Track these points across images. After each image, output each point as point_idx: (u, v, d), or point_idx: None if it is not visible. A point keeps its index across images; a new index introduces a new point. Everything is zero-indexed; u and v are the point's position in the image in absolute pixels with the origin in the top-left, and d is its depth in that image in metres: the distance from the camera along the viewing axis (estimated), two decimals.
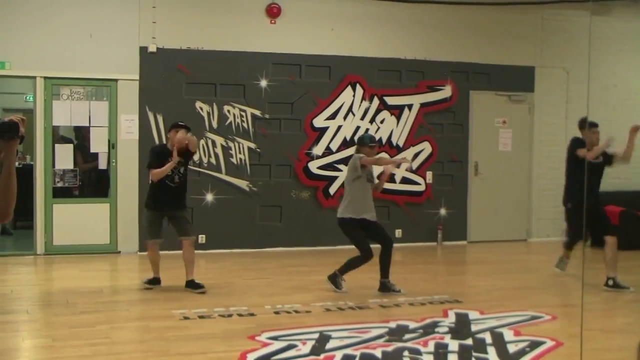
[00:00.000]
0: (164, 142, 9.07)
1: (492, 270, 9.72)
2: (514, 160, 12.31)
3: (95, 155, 10.54)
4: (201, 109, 10.67)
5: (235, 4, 10.73)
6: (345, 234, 8.17)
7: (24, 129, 3.23)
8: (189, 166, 8.36)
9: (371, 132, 11.44)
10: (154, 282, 8.19)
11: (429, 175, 11.82)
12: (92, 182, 10.91)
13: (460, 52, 11.86)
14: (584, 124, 8.74)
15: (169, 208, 8.04)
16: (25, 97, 13.25)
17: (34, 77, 10.11)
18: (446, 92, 11.86)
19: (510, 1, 10.40)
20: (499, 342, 6.07)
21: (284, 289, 8.19)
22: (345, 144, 11.33)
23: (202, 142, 10.67)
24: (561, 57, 12.40)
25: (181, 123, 8.20)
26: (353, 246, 8.04)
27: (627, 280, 8.48)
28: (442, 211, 11.89)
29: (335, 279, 8.03)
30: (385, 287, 8.00)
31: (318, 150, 11.22)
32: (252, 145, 10.91)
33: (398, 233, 11.64)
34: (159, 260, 8.20)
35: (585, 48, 11.96)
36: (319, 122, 11.23)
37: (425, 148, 11.80)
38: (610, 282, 8.34)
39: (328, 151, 11.27)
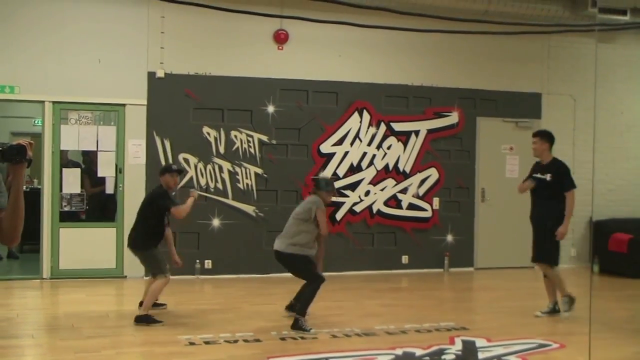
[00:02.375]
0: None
1: (499, 297, 9.66)
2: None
3: (103, 179, 10.57)
4: (208, 134, 10.70)
5: (243, 30, 10.80)
6: (293, 267, 7.74)
7: (32, 152, 3.25)
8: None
9: (378, 158, 11.47)
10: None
11: (436, 201, 11.80)
12: (99, 206, 10.92)
13: (467, 78, 11.90)
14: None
15: None
16: (34, 121, 13.34)
17: (43, 102, 10.17)
18: (453, 118, 11.87)
19: (517, 30, 10.45)
20: None
21: (290, 315, 8.14)
22: (352, 170, 11.34)
23: (208, 167, 10.70)
24: (568, 84, 12.43)
25: (174, 167, 8.26)
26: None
27: (634, 309, 8.41)
28: (449, 237, 11.85)
29: (299, 324, 7.39)
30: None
31: (325, 175, 11.22)
32: (259, 171, 10.93)
33: (405, 259, 11.62)
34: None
35: (592, 75, 11.99)
36: (325, 147, 11.24)
37: (432, 174, 11.79)
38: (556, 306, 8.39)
39: (335, 177, 11.27)
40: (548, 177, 8.26)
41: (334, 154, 11.28)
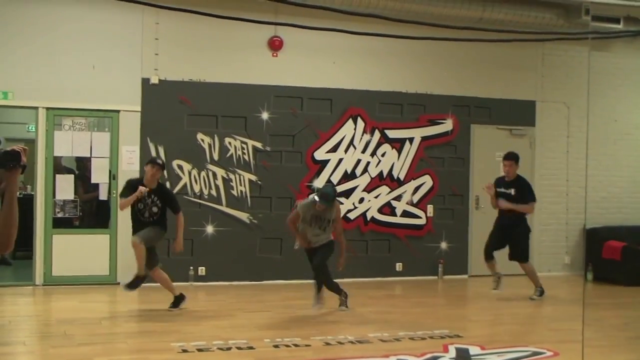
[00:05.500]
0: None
1: (493, 305, 9.66)
2: None
3: (96, 185, 10.54)
4: (202, 140, 10.69)
5: (238, 37, 10.80)
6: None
7: (26, 158, 3.23)
8: (167, 203, 8.65)
9: (372, 165, 11.47)
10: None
11: (430, 208, 11.80)
12: (92, 212, 10.89)
13: (461, 86, 11.91)
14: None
15: None
16: (27, 127, 13.29)
17: (36, 108, 10.14)
18: (447, 125, 11.88)
19: (512, 37, 10.47)
20: None
21: (283, 322, 8.13)
22: (346, 177, 11.34)
23: (202, 173, 10.68)
24: (562, 91, 12.45)
25: (159, 161, 8.85)
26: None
27: (628, 317, 8.41)
28: (443, 245, 11.85)
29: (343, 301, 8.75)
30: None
31: (319, 182, 11.20)
32: (253, 178, 10.91)
33: (399, 266, 11.61)
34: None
35: (586, 83, 12.02)
36: (320, 154, 11.24)
37: (426, 182, 11.79)
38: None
39: (329, 184, 11.26)
40: (512, 191, 9.83)
41: (328, 160, 11.28)
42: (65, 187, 10.37)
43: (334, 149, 11.32)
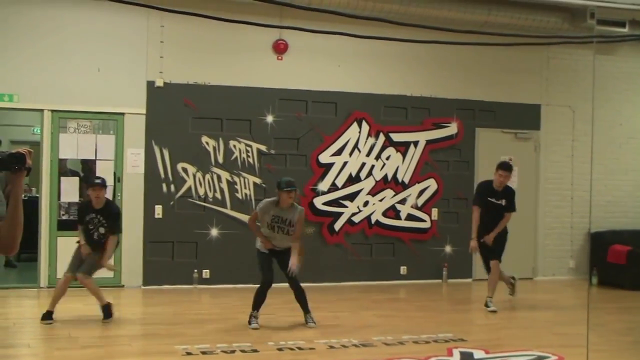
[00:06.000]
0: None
1: (498, 309, 9.63)
2: (519, 198, 12.14)
3: None
4: (207, 143, 10.70)
5: (243, 40, 10.81)
6: None
7: (31, 161, 3.24)
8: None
9: (376, 168, 11.46)
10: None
11: (435, 212, 11.79)
12: None
13: (466, 89, 11.90)
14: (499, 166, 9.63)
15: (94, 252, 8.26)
16: (33, 130, 13.34)
17: (42, 110, 10.16)
18: (452, 129, 11.88)
19: (516, 41, 10.46)
20: None
21: (287, 325, 8.13)
22: (351, 180, 11.33)
23: (207, 176, 10.69)
24: (567, 95, 12.44)
25: (98, 181, 8.32)
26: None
27: (633, 321, 8.39)
28: (448, 248, 11.84)
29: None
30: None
31: (323, 186, 11.22)
32: (258, 181, 10.92)
33: (403, 270, 11.59)
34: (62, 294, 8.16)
35: (591, 87, 12.01)
36: (324, 158, 11.24)
37: (431, 185, 11.78)
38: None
39: (333, 187, 11.26)
40: (503, 202, 9.51)
41: (332, 164, 11.28)
42: (70, 190, 10.38)
43: (339, 153, 11.32)
